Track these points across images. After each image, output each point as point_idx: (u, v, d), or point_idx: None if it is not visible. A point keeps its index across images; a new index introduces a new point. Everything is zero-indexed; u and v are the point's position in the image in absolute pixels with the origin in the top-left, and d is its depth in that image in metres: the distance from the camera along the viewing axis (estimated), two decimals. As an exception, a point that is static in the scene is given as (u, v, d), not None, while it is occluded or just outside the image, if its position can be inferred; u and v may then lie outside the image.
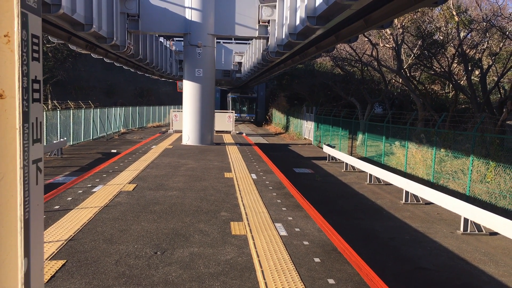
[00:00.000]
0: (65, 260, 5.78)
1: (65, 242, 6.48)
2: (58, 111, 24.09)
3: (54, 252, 6.07)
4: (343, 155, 21.14)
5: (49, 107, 40.21)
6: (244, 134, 29.23)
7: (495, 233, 10.44)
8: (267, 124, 55.17)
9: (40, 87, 1.73)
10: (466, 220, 10.71)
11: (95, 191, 10.01)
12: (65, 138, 22.96)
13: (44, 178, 1.82)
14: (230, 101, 58.10)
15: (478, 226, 10.70)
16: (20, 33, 1.57)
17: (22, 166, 1.58)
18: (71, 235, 6.84)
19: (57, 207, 8.48)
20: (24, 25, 1.59)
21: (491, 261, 8.98)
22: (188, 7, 19.51)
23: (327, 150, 23.42)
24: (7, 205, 1.57)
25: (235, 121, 40.03)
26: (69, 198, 9.22)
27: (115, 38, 18.24)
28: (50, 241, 6.48)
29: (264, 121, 57.56)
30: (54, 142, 20.82)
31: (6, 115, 1.58)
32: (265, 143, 32.47)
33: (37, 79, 1.69)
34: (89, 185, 10.65)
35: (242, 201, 9.47)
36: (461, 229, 10.78)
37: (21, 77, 1.58)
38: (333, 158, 22.85)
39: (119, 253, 6.14)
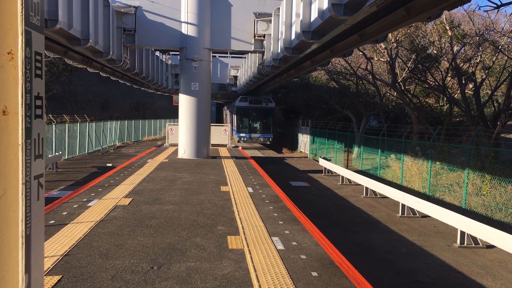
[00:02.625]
0: (61, 276, 5.72)
1: (61, 257, 6.42)
2: (54, 125, 24.03)
3: (49, 267, 6.01)
4: (339, 168, 21.17)
5: (45, 121, 40.08)
6: (240, 148, 29.24)
7: (492, 246, 10.45)
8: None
9: (43, 103, 1.74)
10: (462, 233, 10.72)
11: (91, 206, 9.95)
12: (60, 152, 22.87)
13: (44, 194, 1.82)
14: (235, 115, 39.21)
15: (474, 239, 10.70)
16: (23, 50, 1.59)
17: (24, 181, 1.58)
18: (67, 250, 6.78)
19: (52, 221, 8.42)
20: (28, 42, 1.61)
21: (488, 274, 8.97)
22: (184, 22, 19.67)
23: (323, 163, 23.45)
24: (9, 221, 1.57)
25: (241, 141, 37.34)
26: (65, 213, 9.16)
27: (111, 53, 18.32)
28: (45, 256, 6.42)
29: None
30: (49, 156, 20.74)
31: (8, 131, 1.59)
32: (261, 156, 32.46)
33: (39, 96, 1.70)
34: (84, 200, 10.59)
35: (238, 215, 9.44)
36: (458, 242, 10.78)
37: (24, 93, 1.60)
38: (329, 171, 22.88)
39: (115, 268, 6.09)
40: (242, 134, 38.63)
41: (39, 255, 1.72)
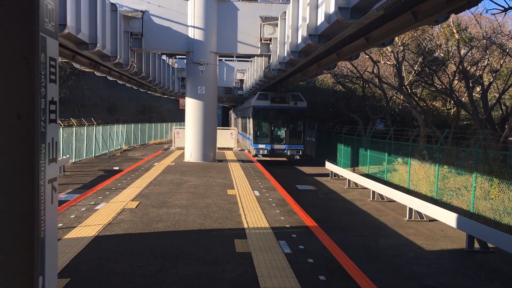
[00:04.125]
0: (69, 279, 5.75)
1: (69, 260, 6.46)
2: (61, 129, 24.19)
3: (58, 270, 6.05)
4: (345, 171, 21.12)
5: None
6: (246, 151, 29.26)
7: (501, 250, 10.37)
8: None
9: (57, 108, 1.77)
10: (471, 237, 10.64)
11: (98, 209, 10.00)
12: (67, 156, 23.00)
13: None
14: (251, 118, 28.84)
15: (483, 243, 10.62)
16: (38, 56, 1.62)
17: (38, 185, 1.61)
18: (75, 253, 6.82)
19: (60, 224, 8.47)
20: (43, 48, 1.64)
21: (498, 279, 8.90)
22: (191, 26, 19.76)
23: (329, 166, 23.40)
24: (23, 224, 1.59)
25: (259, 155, 27.73)
26: (72, 216, 9.22)
27: (118, 57, 18.44)
28: (54, 259, 6.46)
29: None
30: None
31: (23, 135, 1.61)
32: (267, 159, 32.46)
33: (53, 100, 1.73)
34: (92, 203, 10.64)
35: (245, 218, 9.44)
36: (466, 246, 10.70)
37: (38, 98, 1.62)
38: (335, 174, 22.82)
39: (123, 271, 6.11)
40: (261, 146, 27.71)
41: (53, 257, 1.74)
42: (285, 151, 28.01)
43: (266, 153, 27.82)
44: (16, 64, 1.63)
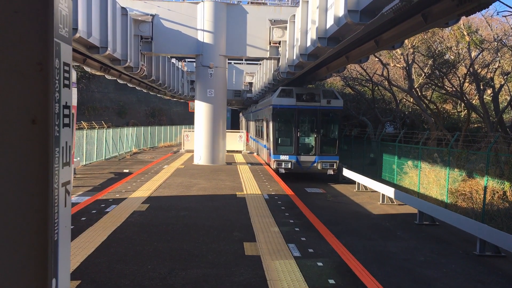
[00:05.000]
0: (80, 281, 5.80)
1: (79, 262, 6.51)
2: (72, 132, 24.40)
3: (69, 272, 6.10)
4: (355, 174, 21.02)
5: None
6: (255, 154, 29.28)
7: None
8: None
9: (70, 112, 1.80)
10: (482, 241, 10.53)
11: (109, 211, 10.07)
12: (78, 158, 23.21)
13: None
14: (272, 121, 22.34)
15: (494, 247, 10.50)
16: (53, 61, 1.65)
17: (52, 188, 1.63)
18: (85, 255, 6.87)
19: (71, 227, 8.54)
20: (57, 53, 1.67)
21: (510, 284, 8.80)
22: (200, 29, 19.86)
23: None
24: (37, 227, 1.62)
25: (282, 169, 21.14)
26: (83, 218, 9.29)
27: (129, 60, 18.59)
28: (65, 261, 6.52)
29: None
30: (68, 162, 21.00)
31: (38, 139, 1.64)
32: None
33: (67, 105, 1.76)
34: (102, 205, 10.72)
35: (254, 221, 9.45)
36: (477, 250, 10.60)
37: (53, 103, 1.65)
38: (344, 177, 22.71)
39: (133, 273, 6.15)
40: (284, 157, 21.43)
41: (66, 260, 1.77)
42: (315, 164, 21.42)
43: (290, 166, 21.32)
44: (30, 69, 1.66)
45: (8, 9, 1.55)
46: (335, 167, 21.45)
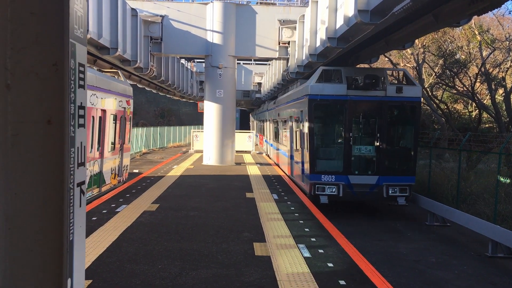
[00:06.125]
0: (91, 280, 5.84)
1: (91, 262, 6.55)
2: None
3: (80, 271, 6.14)
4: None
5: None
6: (264, 154, 29.28)
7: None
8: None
9: (85, 113, 1.81)
10: (494, 243, 10.41)
11: (119, 211, 10.13)
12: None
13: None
14: (308, 121, 13.49)
15: (507, 249, 10.38)
16: (68, 62, 1.66)
17: (68, 188, 1.64)
18: (97, 254, 6.92)
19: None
20: (72, 54, 1.68)
21: (522, 285, 8.69)
22: (210, 30, 19.90)
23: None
24: (53, 227, 1.63)
25: (322, 196, 12.86)
26: (94, 218, 9.35)
27: (138, 61, 18.69)
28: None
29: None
30: (78, 162, 21.14)
31: (53, 139, 1.65)
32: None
33: (82, 105, 1.77)
34: (113, 205, 10.78)
35: (264, 222, 9.44)
36: (489, 252, 10.47)
37: (68, 103, 1.66)
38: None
39: (144, 273, 6.17)
40: (327, 178, 13.31)
41: (81, 260, 1.78)
42: (376, 189, 13.52)
43: (336, 192, 13.32)
44: (46, 70, 1.67)
45: (25, 11, 1.56)
46: (407, 194, 13.86)
